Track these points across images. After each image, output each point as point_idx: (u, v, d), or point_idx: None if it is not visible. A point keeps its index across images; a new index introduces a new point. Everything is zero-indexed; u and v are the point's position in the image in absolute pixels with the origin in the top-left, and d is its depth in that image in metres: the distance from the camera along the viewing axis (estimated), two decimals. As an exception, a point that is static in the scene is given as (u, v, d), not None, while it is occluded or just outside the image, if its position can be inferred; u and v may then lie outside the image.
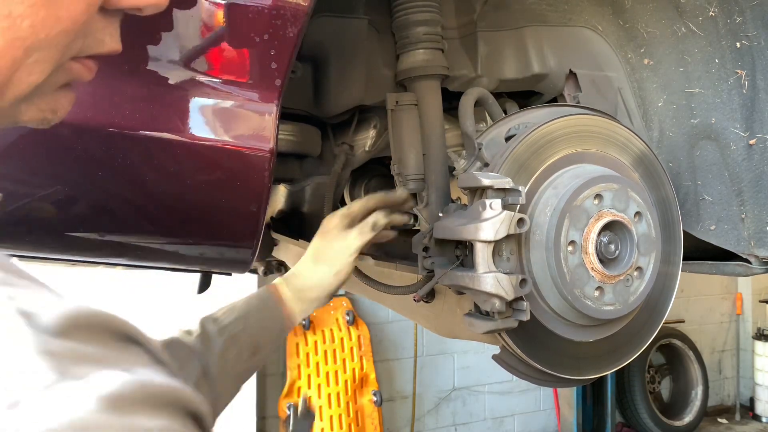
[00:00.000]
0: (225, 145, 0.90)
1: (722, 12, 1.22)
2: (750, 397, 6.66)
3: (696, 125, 1.32)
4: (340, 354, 4.65)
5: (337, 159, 1.50)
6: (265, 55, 0.90)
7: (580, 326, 1.10)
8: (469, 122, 1.20)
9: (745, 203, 1.26)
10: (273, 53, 0.90)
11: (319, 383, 4.55)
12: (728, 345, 6.84)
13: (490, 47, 1.40)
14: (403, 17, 1.28)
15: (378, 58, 1.33)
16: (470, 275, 1.00)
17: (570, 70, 1.42)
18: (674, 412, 6.19)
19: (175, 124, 0.89)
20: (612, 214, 1.04)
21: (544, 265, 1.03)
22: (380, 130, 1.46)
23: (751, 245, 1.26)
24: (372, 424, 4.67)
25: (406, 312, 1.63)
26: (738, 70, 1.23)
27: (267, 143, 0.91)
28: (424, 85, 1.29)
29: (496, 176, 1.00)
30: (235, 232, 1.00)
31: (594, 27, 1.43)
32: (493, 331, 1.03)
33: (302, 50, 1.16)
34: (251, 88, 0.91)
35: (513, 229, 0.96)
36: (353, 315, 4.76)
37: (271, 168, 0.92)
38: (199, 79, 0.89)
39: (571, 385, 1.28)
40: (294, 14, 0.90)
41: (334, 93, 1.33)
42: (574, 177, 1.06)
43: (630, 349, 1.19)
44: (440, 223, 1.12)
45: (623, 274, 1.06)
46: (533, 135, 1.08)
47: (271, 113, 0.91)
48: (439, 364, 5.39)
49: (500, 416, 5.67)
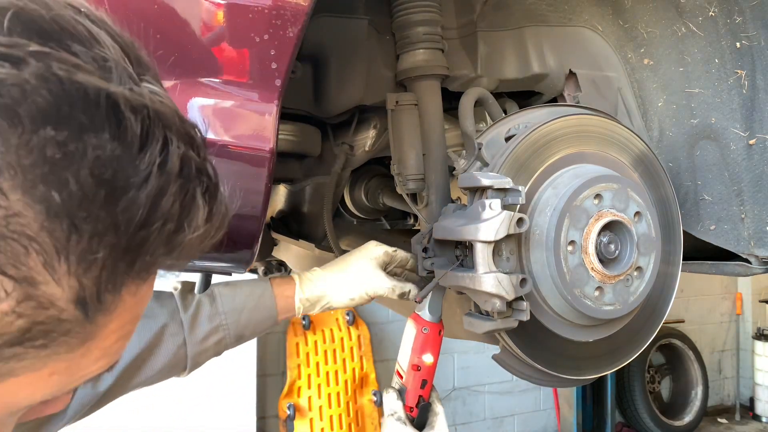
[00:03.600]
0: (225, 145, 0.90)
1: (722, 12, 1.22)
2: (750, 397, 6.66)
3: (696, 125, 1.32)
4: (340, 354, 4.65)
5: (337, 159, 1.50)
6: (265, 55, 0.90)
7: (580, 326, 1.10)
8: (469, 122, 1.20)
9: (745, 203, 1.26)
10: (273, 53, 0.90)
11: (319, 383, 4.55)
12: (728, 345, 6.84)
13: (490, 47, 1.40)
14: (403, 17, 1.28)
15: (378, 58, 1.33)
16: (470, 276, 1.00)
17: (570, 70, 1.42)
18: (674, 412, 6.19)
19: (175, 124, 0.89)
20: (612, 214, 1.04)
21: (544, 264, 1.03)
22: (380, 130, 1.46)
23: (751, 245, 1.26)
24: (372, 424, 4.67)
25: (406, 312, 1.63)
26: (738, 70, 1.23)
27: (267, 143, 0.91)
28: (424, 85, 1.29)
29: (496, 176, 1.00)
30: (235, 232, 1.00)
31: (594, 27, 1.43)
32: (493, 331, 1.03)
33: (302, 50, 1.16)
34: (251, 88, 0.91)
35: (513, 229, 0.96)
36: (353, 315, 4.76)
37: (271, 168, 0.92)
38: (199, 78, 0.89)
39: (571, 385, 1.28)
40: (294, 14, 0.90)
41: (334, 93, 1.33)
42: (574, 177, 1.06)
43: (630, 349, 1.19)
44: (440, 223, 1.12)
45: (623, 274, 1.05)
46: (533, 135, 1.08)
47: (271, 113, 0.91)
48: (439, 363, 5.33)
49: (500, 416, 5.67)
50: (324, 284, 1.18)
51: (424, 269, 1.16)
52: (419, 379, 1.14)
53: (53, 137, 0.36)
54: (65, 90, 0.37)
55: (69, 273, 0.38)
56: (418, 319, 1.15)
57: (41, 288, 0.37)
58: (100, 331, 0.43)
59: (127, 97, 0.40)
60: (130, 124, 0.39)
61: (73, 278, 0.38)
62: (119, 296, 0.42)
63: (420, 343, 1.14)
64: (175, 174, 0.42)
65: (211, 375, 3.81)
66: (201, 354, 1.12)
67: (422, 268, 1.17)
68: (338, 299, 1.17)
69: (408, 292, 1.18)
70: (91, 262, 0.38)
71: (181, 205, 0.42)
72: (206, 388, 3.89)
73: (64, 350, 0.41)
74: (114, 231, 0.38)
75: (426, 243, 1.16)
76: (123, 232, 0.39)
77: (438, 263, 1.14)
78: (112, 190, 0.38)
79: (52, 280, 0.38)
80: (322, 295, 1.17)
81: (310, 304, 1.17)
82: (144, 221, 0.40)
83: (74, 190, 0.36)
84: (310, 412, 4.48)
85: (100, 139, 0.38)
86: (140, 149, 0.40)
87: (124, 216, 0.39)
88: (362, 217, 1.96)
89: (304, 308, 1.17)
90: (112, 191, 0.38)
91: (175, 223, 0.42)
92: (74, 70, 0.38)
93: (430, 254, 1.16)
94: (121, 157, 0.38)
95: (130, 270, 0.41)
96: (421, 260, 1.17)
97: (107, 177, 0.38)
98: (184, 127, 0.44)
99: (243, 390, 4.18)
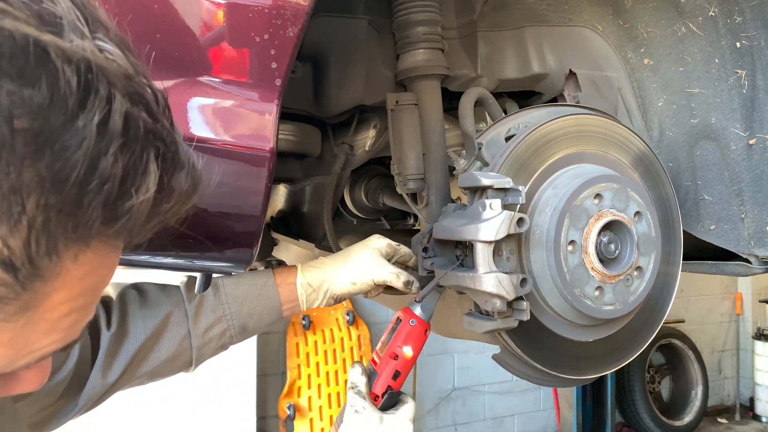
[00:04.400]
0: (225, 145, 0.90)
1: (722, 12, 1.22)
2: (750, 397, 6.67)
3: (696, 125, 1.32)
4: (340, 354, 4.65)
5: (337, 159, 1.50)
6: (265, 55, 0.90)
7: (580, 326, 1.10)
8: (469, 122, 1.20)
9: (745, 203, 1.26)
10: (273, 53, 0.90)
11: (319, 383, 4.55)
12: (728, 345, 6.85)
13: (490, 47, 1.39)
14: (403, 17, 1.28)
15: (378, 58, 1.33)
16: (471, 276, 1.00)
17: (570, 70, 1.42)
18: (674, 412, 6.20)
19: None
20: (612, 214, 1.04)
21: (544, 264, 1.03)
22: (380, 130, 1.46)
23: (751, 245, 1.26)
24: (372, 424, 4.66)
25: (406, 312, 1.62)
26: (738, 70, 1.23)
27: (267, 143, 0.91)
28: (424, 85, 1.29)
29: (496, 176, 1.00)
30: (236, 231, 1.00)
31: (594, 27, 1.43)
32: (493, 330, 1.03)
33: (302, 50, 1.16)
34: (251, 88, 0.91)
35: (513, 229, 0.96)
36: (353, 315, 4.76)
37: (271, 168, 0.92)
38: (199, 78, 0.89)
39: (571, 385, 1.28)
40: (294, 14, 0.90)
41: (334, 93, 1.33)
42: (574, 177, 1.06)
43: (630, 349, 1.19)
44: (439, 223, 1.12)
45: (623, 274, 1.05)
46: (533, 135, 1.08)
47: (271, 113, 0.91)
48: (439, 363, 5.39)
49: (500, 416, 5.67)
50: (326, 270, 1.17)
51: (425, 269, 1.16)
52: (393, 369, 1.10)
53: None
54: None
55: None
56: (408, 312, 1.14)
57: None
58: (42, 300, 0.41)
59: (63, 48, 0.38)
60: (64, 76, 0.37)
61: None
62: (59, 263, 0.40)
63: (404, 333, 1.11)
64: (118, 133, 0.39)
65: (211, 375, 3.82)
66: (205, 345, 1.12)
67: (422, 268, 1.17)
68: (340, 284, 1.16)
69: (412, 282, 1.16)
70: (16, 221, 0.36)
71: (125, 167, 0.40)
72: (206, 388, 3.89)
73: (1, 318, 0.40)
74: (40, 188, 0.36)
75: (426, 243, 1.16)
76: (51, 190, 0.37)
77: (438, 263, 1.14)
78: (34, 143, 0.36)
79: None
80: (324, 279, 1.16)
81: (312, 290, 1.15)
82: (79, 181, 0.37)
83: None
84: (310, 412, 4.48)
85: (20, 87, 0.35)
86: (78, 104, 0.38)
87: (52, 172, 0.36)
88: (362, 217, 1.96)
89: (306, 295, 1.15)
90: (36, 144, 0.36)
91: (117, 185, 0.40)
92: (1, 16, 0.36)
93: (430, 254, 1.16)
94: (47, 108, 0.36)
95: (65, 233, 0.39)
96: (422, 260, 1.17)
97: (28, 127, 0.35)
98: (132, 85, 0.42)
99: (243, 390, 4.18)
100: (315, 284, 1.16)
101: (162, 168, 0.43)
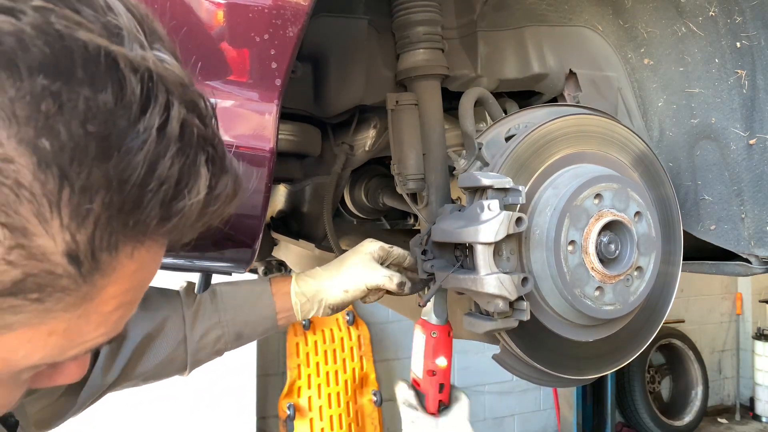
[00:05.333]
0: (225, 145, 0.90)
1: (722, 12, 1.22)
2: (750, 397, 6.67)
3: (696, 125, 1.32)
4: (340, 354, 4.65)
5: (337, 159, 1.50)
6: (265, 55, 0.90)
7: (580, 326, 1.10)
8: (469, 122, 1.20)
9: (745, 203, 1.26)
10: (273, 53, 0.90)
11: (319, 383, 4.55)
12: (728, 345, 6.85)
13: (490, 47, 1.39)
14: (403, 17, 1.28)
15: (378, 58, 1.33)
16: (472, 278, 0.99)
17: (570, 70, 1.41)
18: (674, 412, 6.20)
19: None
20: (612, 214, 1.04)
21: (544, 264, 1.03)
22: (380, 130, 1.46)
23: (751, 245, 1.26)
24: (372, 424, 4.67)
25: (405, 312, 1.63)
26: (738, 70, 1.23)
27: (267, 143, 0.91)
28: (424, 84, 1.29)
29: (496, 176, 1.00)
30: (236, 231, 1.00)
31: (594, 27, 1.43)
32: (493, 331, 1.03)
33: (302, 50, 1.16)
34: (251, 88, 0.91)
35: (512, 229, 0.96)
36: (353, 315, 4.77)
37: (271, 168, 0.92)
38: (199, 78, 0.89)
39: (571, 385, 1.28)
40: (294, 14, 0.90)
41: (334, 93, 1.33)
42: (574, 177, 1.06)
43: (630, 349, 1.19)
44: (438, 226, 1.11)
45: (623, 274, 1.05)
46: (533, 135, 1.08)
47: (271, 113, 0.91)
48: (439, 364, 5.38)
49: (500, 416, 5.67)
50: (319, 280, 1.17)
51: (424, 272, 1.16)
52: (436, 384, 1.13)
53: (47, 87, 0.36)
54: (64, 44, 0.37)
55: (62, 227, 0.38)
56: (425, 325, 1.15)
57: (35, 240, 0.38)
58: (98, 293, 0.43)
59: (129, 57, 0.40)
60: (129, 84, 0.40)
61: (66, 232, 0.39)
62: (116, 258, 0.43)
63: (431, 347, 1.13)
64: (175, 137, 0.42)
65: (212, 375, 3.81)
66: (200, 351, 1.12)
67: (422, 271, 1.16)
68: (333, 294, 1.16)
69: (405, 283, 1.16)
70: (84, 217, 0.39)
71: (180, 170, 0.42)
72: (206, 388, 3.89)
73: (60, 308, 0.42)
74: (106, 187, 0.39)
75: (425, 245, 1.16)
76: (116, 190, 0.39)
77: (438, 265, 1.13)
78: (104, 145, 0.38)
79: (45, 233, 0.38)
80: (318, 290, 1.16)
81: (306, 299, 1.16)
82: (140, 181, 0.40)
83: (65, 141, 0.37)
84: (310, 412, 4.48)
85: (95, 94, 0.38)
86: (141, 110, 0.40)
87: (117, 173, 0.39)
88: (362, 217, 1.96)
89: (301, 305, 1.16)
90: (105, 146, 0.38)
91: (172, 186, 0.42)
92: (75, 27, 0.38)
93: (429, 256, 1.16)
94: (115, 114, 0.39)
95: (125, 229, 0.41)
96: (421, 263, 1.16)
97: (99, 131, 0.38)
98: (188, 93, 0.45)
99: (243, 390, 4.18)
100: (309, 294, 1.16)
101: (212, 172, 0.46)
